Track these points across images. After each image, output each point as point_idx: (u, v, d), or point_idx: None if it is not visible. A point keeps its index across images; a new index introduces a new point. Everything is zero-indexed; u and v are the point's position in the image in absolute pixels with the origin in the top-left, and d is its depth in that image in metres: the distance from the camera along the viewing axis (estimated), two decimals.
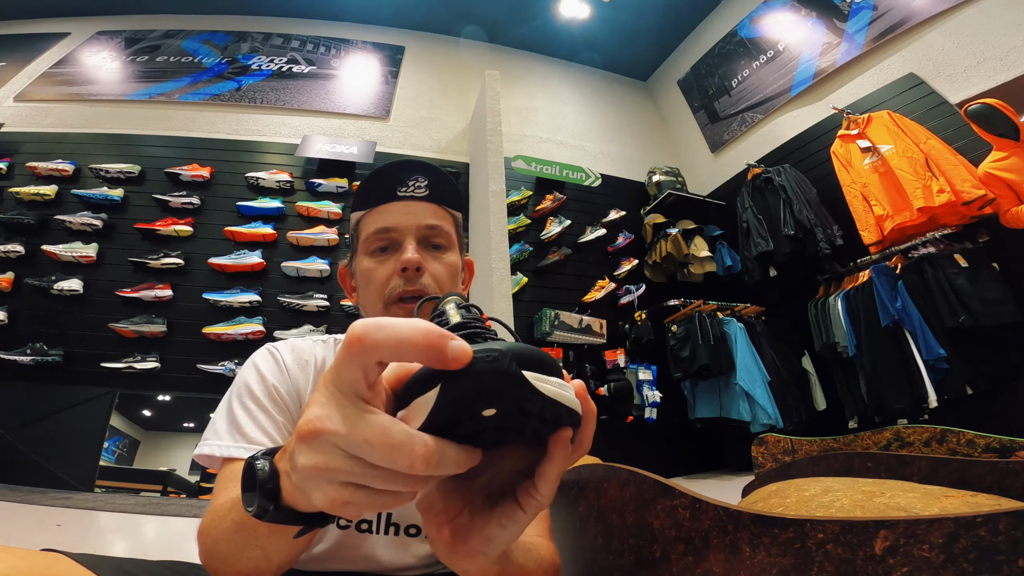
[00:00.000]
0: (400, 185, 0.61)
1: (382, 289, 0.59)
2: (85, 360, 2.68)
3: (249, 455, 0.49)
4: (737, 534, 0.34)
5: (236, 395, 0.57)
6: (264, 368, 0.59)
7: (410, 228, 0.61)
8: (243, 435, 0.54)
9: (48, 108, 3.53)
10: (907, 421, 2.42)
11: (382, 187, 0.61)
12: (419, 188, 0.62)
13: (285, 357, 0.61)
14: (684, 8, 4.54)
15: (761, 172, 3.39)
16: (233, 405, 0.57)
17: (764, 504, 0.49)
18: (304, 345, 0.65)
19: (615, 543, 0.49)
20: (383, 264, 0.60)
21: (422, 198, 0.62)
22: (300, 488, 0.25)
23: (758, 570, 0.33)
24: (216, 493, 0.51)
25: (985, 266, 2.30)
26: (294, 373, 0.61)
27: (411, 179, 0.61)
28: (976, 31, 2.69)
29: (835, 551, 0.29)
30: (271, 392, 0.57)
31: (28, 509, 2.03)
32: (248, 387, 0.57)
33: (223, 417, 0.56)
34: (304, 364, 0.62)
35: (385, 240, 0.61)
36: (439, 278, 0.61)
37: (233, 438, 0.54)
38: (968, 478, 0.56)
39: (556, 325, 3.12)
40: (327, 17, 4.53)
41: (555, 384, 0.24)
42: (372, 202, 0.62)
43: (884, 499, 0.41)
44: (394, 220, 0.60)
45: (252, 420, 0.55)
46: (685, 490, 0.40)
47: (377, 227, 0.61)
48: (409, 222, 0.61)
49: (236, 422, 0.55)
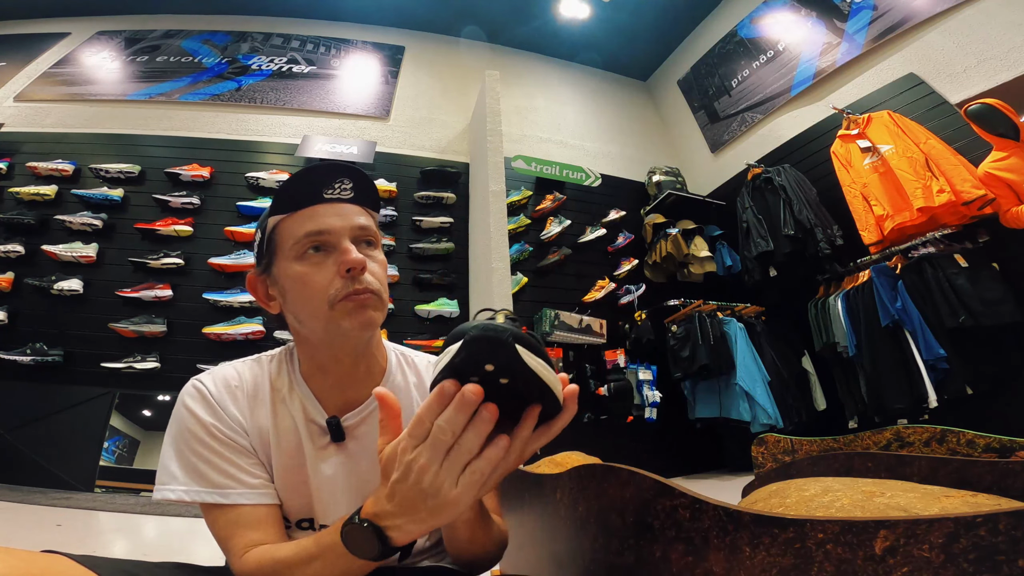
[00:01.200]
0: (326, 187, 0.60)
1: (324, 292, 0.57)
2: (85, 360, 2.68)
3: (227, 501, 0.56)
4: (737, 534, 0.34)
5: (183, 441, 0.59)
6: (197, 409, 0.60)
7: (344, 229, 0.59)
8: (208, 481, 0.57)
9: (48, 108, 3.53)
10: (907, 421, 2.42)
11: (306, 190, 0.60)
12: (345, 190, 0.61)
13: (212, 391, 0.61)
14: (684, 8, 4.54)
15: (761, 172, 3.39)
16: (184, 451, 0.58)
17: (764, 504, 0.49)
18: (230, 372, 0.65)
19: (615, 543, 0.49)
20: (320, 267, 0.58)
21: (348, 200, 0.62)
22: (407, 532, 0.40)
23: (758, 570, 0.33)
24: (228, 538, 0.56)
25: (985, 266, 2.30)
26: (226, 405, 0.61)
27: (336, 181, 0.60)
28: (976, 31, 2.69)
29: (835, 551, 0.29)
30: (211, 432, 0.59)
31: (28, 509, 2.03)
32: (191, 431, 0.58)
33: (174, 461, 0.58)
34: (234, 391, 0.62)
35: (318, 241, 0.59)
36: (377, 275, 0.60)
37: (199, 484, 0.57)
38: (968, 478, 0.56)
39: (556, 325, 3.11)
40: (327, 17, 4.52)
41: (541, 365, 0.35)
42: (296, 205, 0.60)
43: (884, 499, 0.41)
44: (327, 222, 0.59)
45: (209, 465, 0.57)
46: (685, 490, 0.40)
47: (308, 229, 0.59)
48: (343, 223, 0.60)
49: (195, 468, 0.57)
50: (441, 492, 0.37)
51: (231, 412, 0.61)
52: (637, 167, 4.33)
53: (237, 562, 0.53)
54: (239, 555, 0.54)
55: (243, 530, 0.55)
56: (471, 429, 0.37)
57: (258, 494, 0.58)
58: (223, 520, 0.56)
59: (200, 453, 0.57)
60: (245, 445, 0.60)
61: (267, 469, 0.61)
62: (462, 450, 0.37)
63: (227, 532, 0.56)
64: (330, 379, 0.64)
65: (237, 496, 0.57)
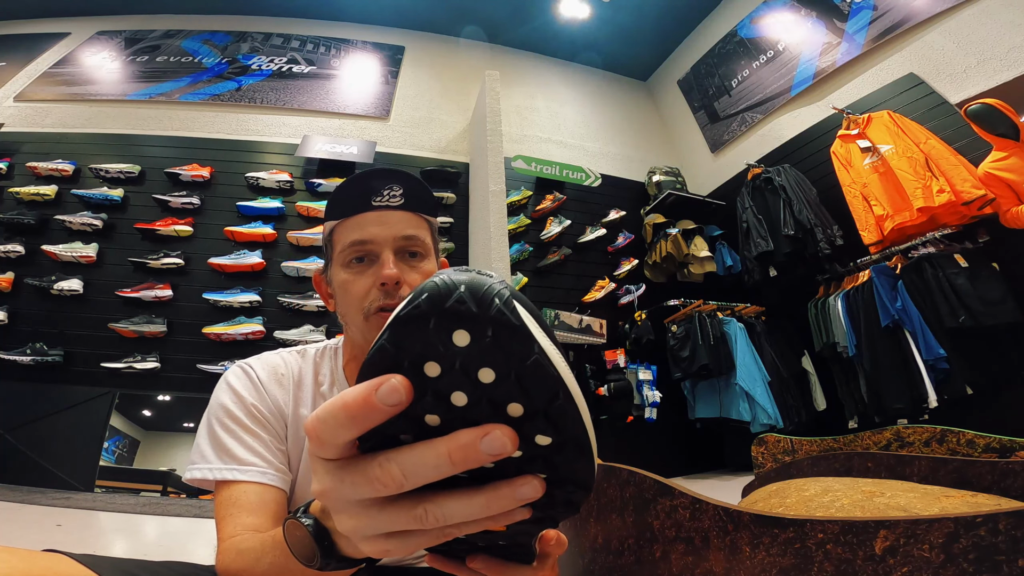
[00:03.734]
0: (374, 194, 0.60)
1: (361, 302, 0.58)
2: (85, 360, 2.68)
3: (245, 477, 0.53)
4: (737, 534, 0.34)
5: (216, 418, 0.58)
6: (240, 388, 0.60)
7: (387, 240, 0.59)
8: (232, 457, 0.55)
9: (48, 108, 3.53)
10: (907, 421, 2.42)
11: (355, 197, 0.60)
12: (394, 197, 0.60)
13: (259, 374, 0.61)
14: (684, 8, 4.54)
15: (761, 172, 3.39)
16: (215, 428, 0.58)
17: (764, 504, 0.49)
18: (277, 360, 0.65)
19: (615, 543, 0.49)
20: (360, 276, 0.59)
21: (397, 207, 0.61)
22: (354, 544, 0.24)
23: (758, 570, 0.33)
24: (222, 519, 0.53)
25: (985, 266, 2.30)
26: (271, 389, 0.61)
27: (385, 188, 0.60)
28: (976, 31, 2.69)
29: (835, 551, 0.29)
30: (251, 411, 0.58)
31: (28, 509, 2.03)
32: (227, 409, 0.58)
33: (207, 440, 0.58)
34: (280, 378, 0.63)
35: (361, 252, 0.59)
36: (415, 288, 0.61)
37: (223, 461, 0.55)
38: (968, 478, 0.56)
39: (556, 325, 3.11)
40: (327, 17, 4.52)
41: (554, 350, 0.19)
42: (346, 212, 0.61)
43: (884, 499, 0.41)
44: (370, 232, 0.59)
45: (238, 441, 0.56)
46: (685, 490, 0.40)
47: (352, 239, 0.59)
48: (386, 234, 0.59)
49: (223, 445, 0.56)
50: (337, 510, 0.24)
51: (275, 397, 0.61)
52: (637, 167, 4.33)
53: (220, 548, 0.51)
54: (225, 541, 0.51)
55: (240, 512, 0.53)
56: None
57: (274, 476, 0.56)
58: (228, 498, 0.54)
59: (232, 430, 0.57)
60: (279, 431, 0.60)
61: (292, 459, 0.61)
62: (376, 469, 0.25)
63: (224, 512, 0.54)
64: None
65: (256, 473, 0.55)
